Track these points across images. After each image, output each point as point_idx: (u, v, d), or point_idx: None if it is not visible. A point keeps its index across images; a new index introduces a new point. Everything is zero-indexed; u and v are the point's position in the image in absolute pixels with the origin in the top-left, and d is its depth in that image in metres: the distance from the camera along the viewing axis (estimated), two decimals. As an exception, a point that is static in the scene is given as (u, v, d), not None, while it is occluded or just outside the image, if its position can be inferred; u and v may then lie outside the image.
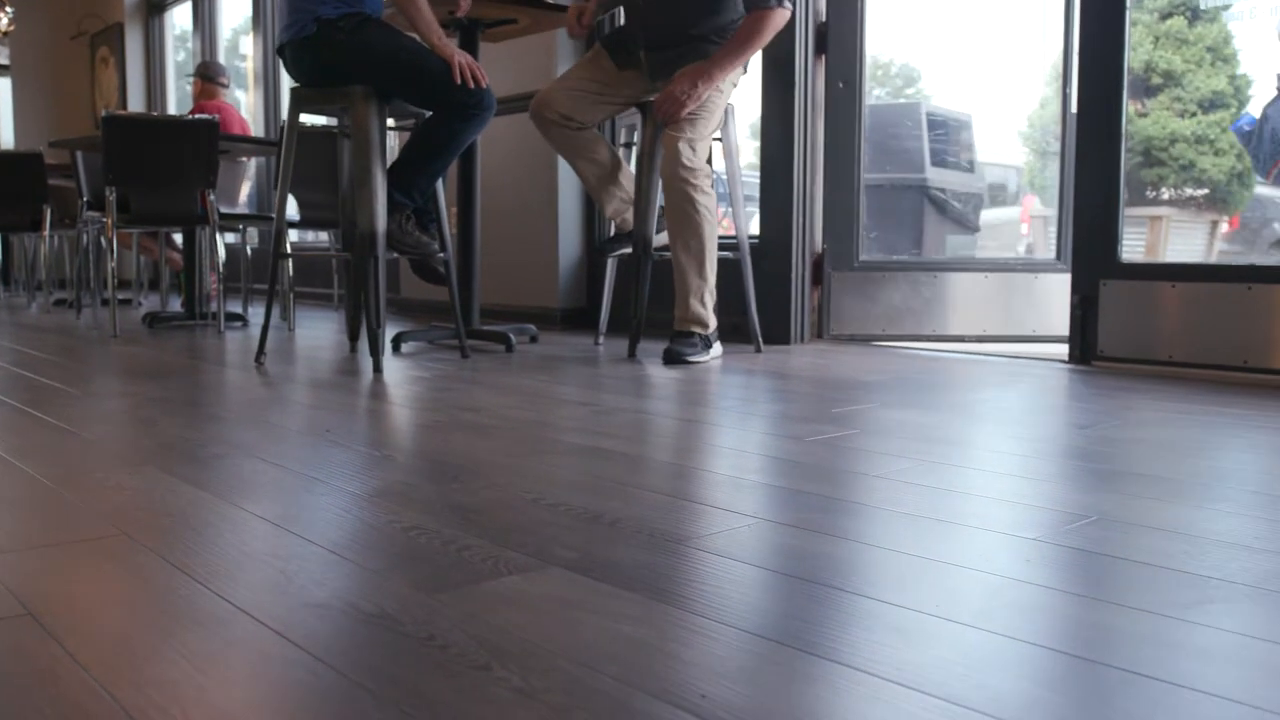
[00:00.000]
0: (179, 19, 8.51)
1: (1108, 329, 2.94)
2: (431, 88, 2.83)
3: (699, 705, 0.76)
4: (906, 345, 3.60)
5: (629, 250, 3.23)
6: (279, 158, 3.00)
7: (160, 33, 8.54)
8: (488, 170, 4.29)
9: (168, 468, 1.56)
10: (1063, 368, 2.95)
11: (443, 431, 1.89)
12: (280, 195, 2.97)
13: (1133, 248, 5.11)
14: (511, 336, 3.36)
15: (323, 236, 6.18)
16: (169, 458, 1.64)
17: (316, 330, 4.18)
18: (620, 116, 3.81)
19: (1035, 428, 1.97)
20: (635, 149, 3.30)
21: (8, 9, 9.00)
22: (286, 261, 4.55)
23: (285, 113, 2.98)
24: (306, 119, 3.25)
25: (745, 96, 3.63)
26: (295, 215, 4.66)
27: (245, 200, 5.81)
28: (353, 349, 3.34)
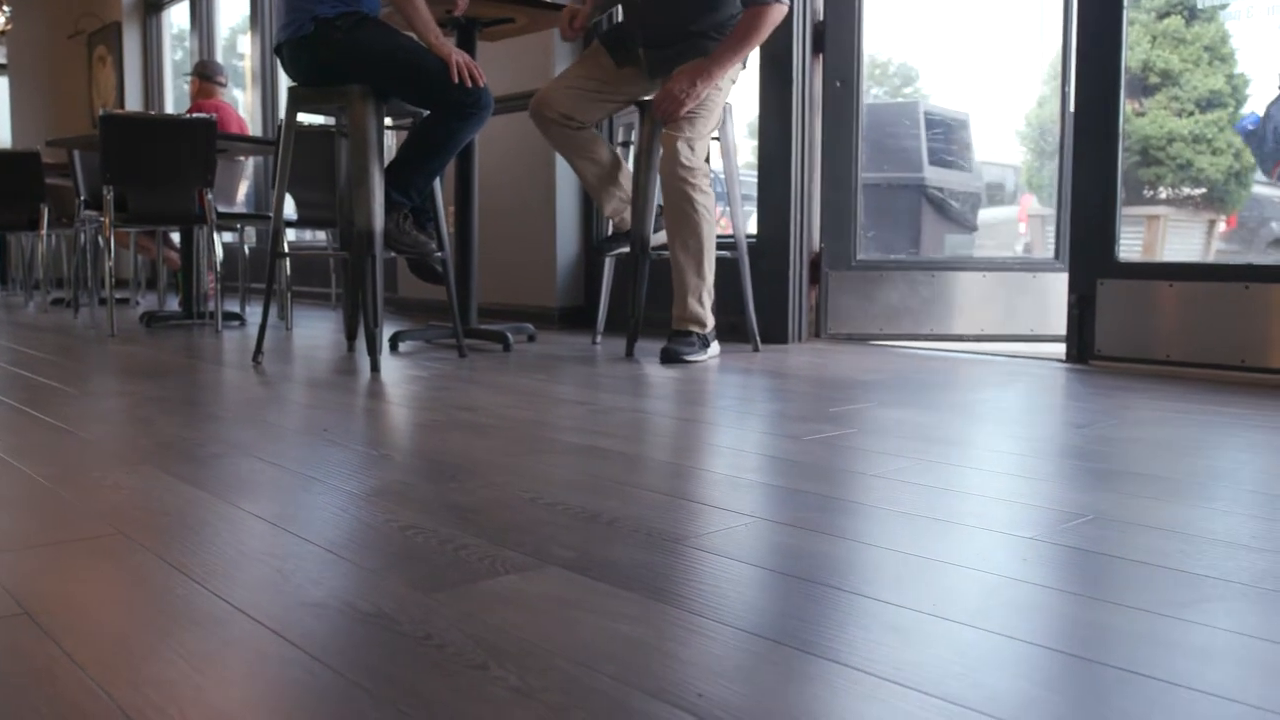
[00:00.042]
0: (176, 18, 8.51)
1: (1105, 328, 2.95)
2: (429, 87, 2.83)
3: (696, 704, 0.76)
4: (904, 344, 3.60)
5: (627, 249, 3.23)
6: (276, 157, 3.00)
7: (158, 32, 8.54)
8: (485, 169, 4.29)
9: (165, 467, 1.56)
10: (1060, 367, 2.95)
11: (440, 431, 1.89)
12: (278, 194, 2.97)
13: (1130, 247, 5.11)
14: (509, 336, 3.36)
15: (320, 236, 6.18)
16: (166, 457, 1.64)
17: (314, 329, 4.18)
18: (618, 115, 3.81)
19: (1032, 427, 1.98)
20: (633, 148, 3.30)
21: (5, 8, 8.99)
22: (284, 261, 4.54)
23: (283, 112, 2.98)
24: (304, 118, 3.25)
25: (743, 95, 3.63)
26: (293, 214, 4.66)
27: (243, 199, 5.81)
28: (350, 348, 3.34)
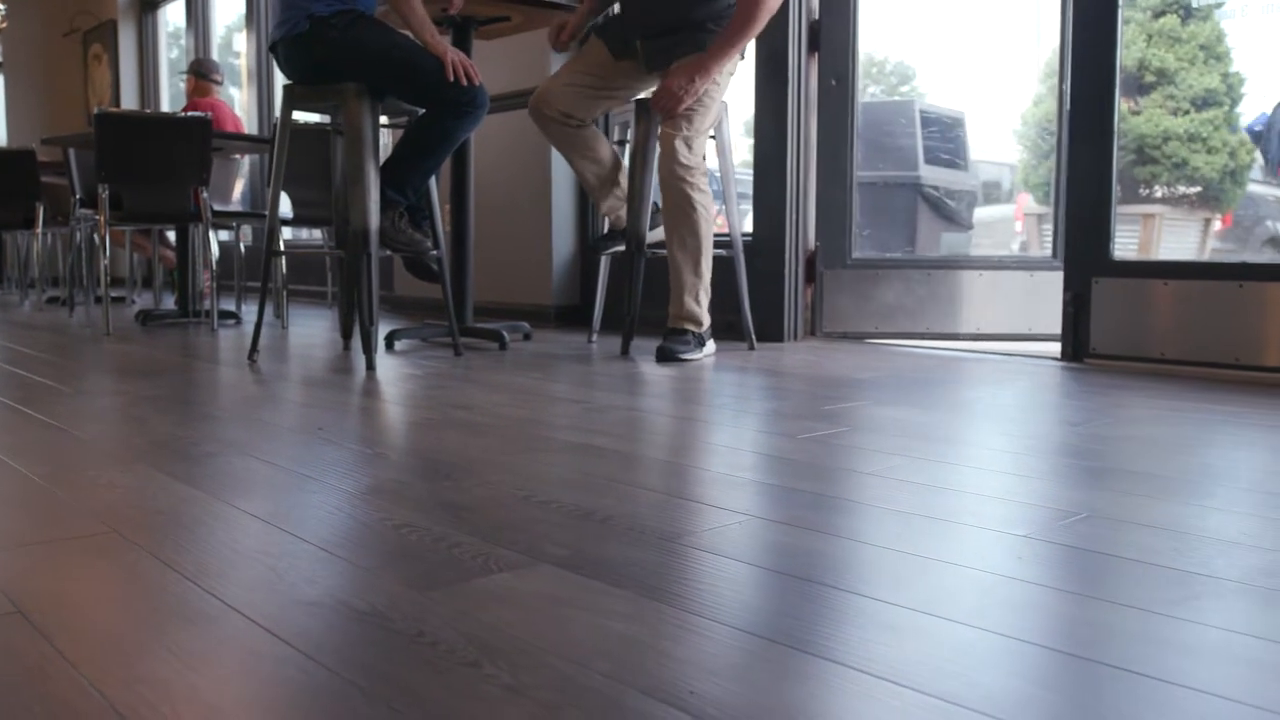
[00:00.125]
0: (172, 16, 8.50)
1: (1100, 327, 2.95)
2: (424, 85, 2.83)
3: (688, 702, 0.76)
4: (899, 343, 3.60)
5: (622, 248, 3.23)
6: (272, 155, 3.00)
7: (154, 30, 8.53)
8: (481, 167, 4.29)
9: (159, 465, 1.56)
10: (1055, 365, 2.96)
11: (435, 429, 1.89)
12: (273, 193, 2.97)
13: (1126, 245, 5.12)
14: (505, 334, 3.36)
15: (316, 234, 6.17)
16: (161, 455, 1.64)
17: (310, 328, 4.17)
18: (615, 114, 3.81)
19: (1027, 425, 1.98)
20: (629, 146, 3.30)
21: (1, 6, 8.97)
22: (279, 259, 4.54)
23: (278, 110, 2.98)
24: (299, 116, 3.24)
25: (739, 94, 3.63)
26: (288, 213, 4.66)
27: (239, 198, 5.81)
28: (346, 347, 3.33)
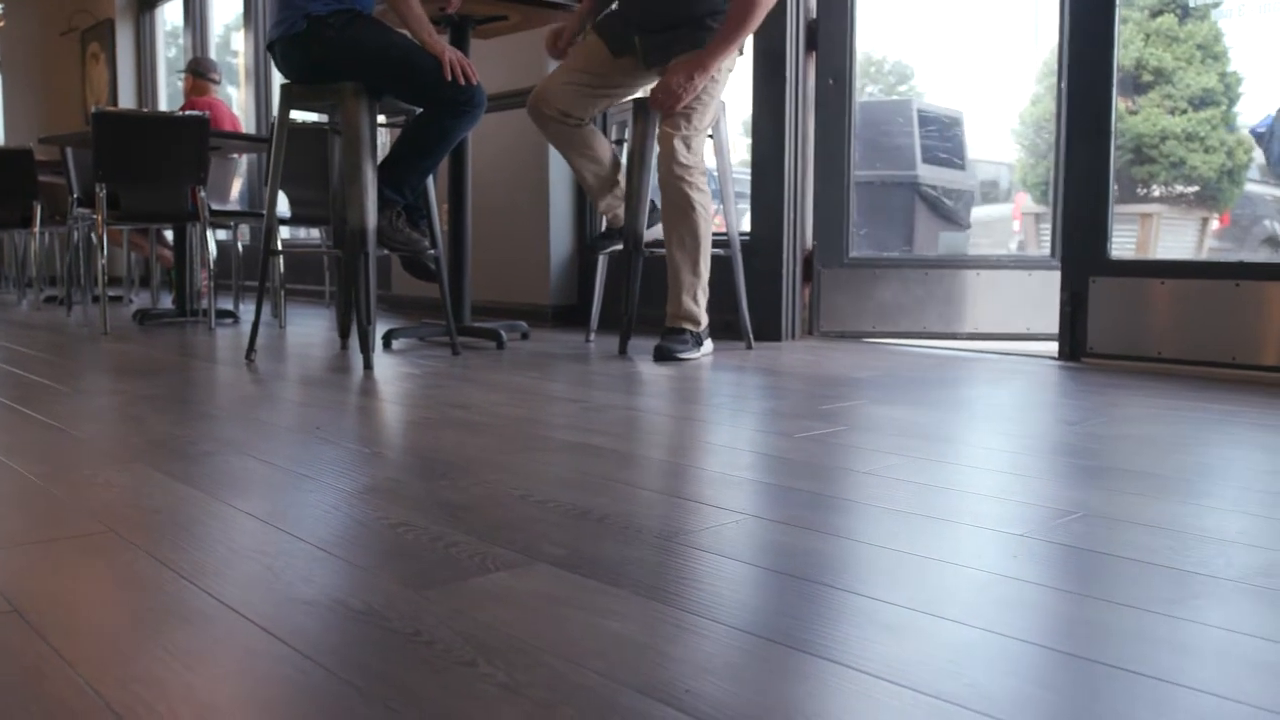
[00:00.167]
0: (170, 15, 8.49)
1: (1097, 326, 2.95)
2: (422, 84, 2.83)
3: (684, 701, 0.76)
4: (897, 342, 3.60)
5: (619, 247, 3.23)
6: (270, 154, 2.99)
7: (151, 29, 8.52)
8: (479, 167, 4.28)
9: (157, 465, 1.56)
10: (1052, 364, 2.96)
11: (432, 428, 1.89)
12: (271, 192, 2.97)
13: (1123, 245, 5.13)
14: (502, 333, 3.36)
15: (314, 233, 6.17)
16: (158, 455, 1.64)
17: (307, 327, 4.17)
18: (612, 113, 3.81)
19: (1024, 424, 1.98)
20: (627, 145, 3.30)
21: (-1, 5, 8.97)
22: (277, 258, 4.54)
23: (276, 109, 2.98)
24: (297, 115, 3.24)
25: (737, 93, 3.64)
26: (286, 212, 4.66)
27: (236, 197, 5.81)
28: (343, 346, 3.33)
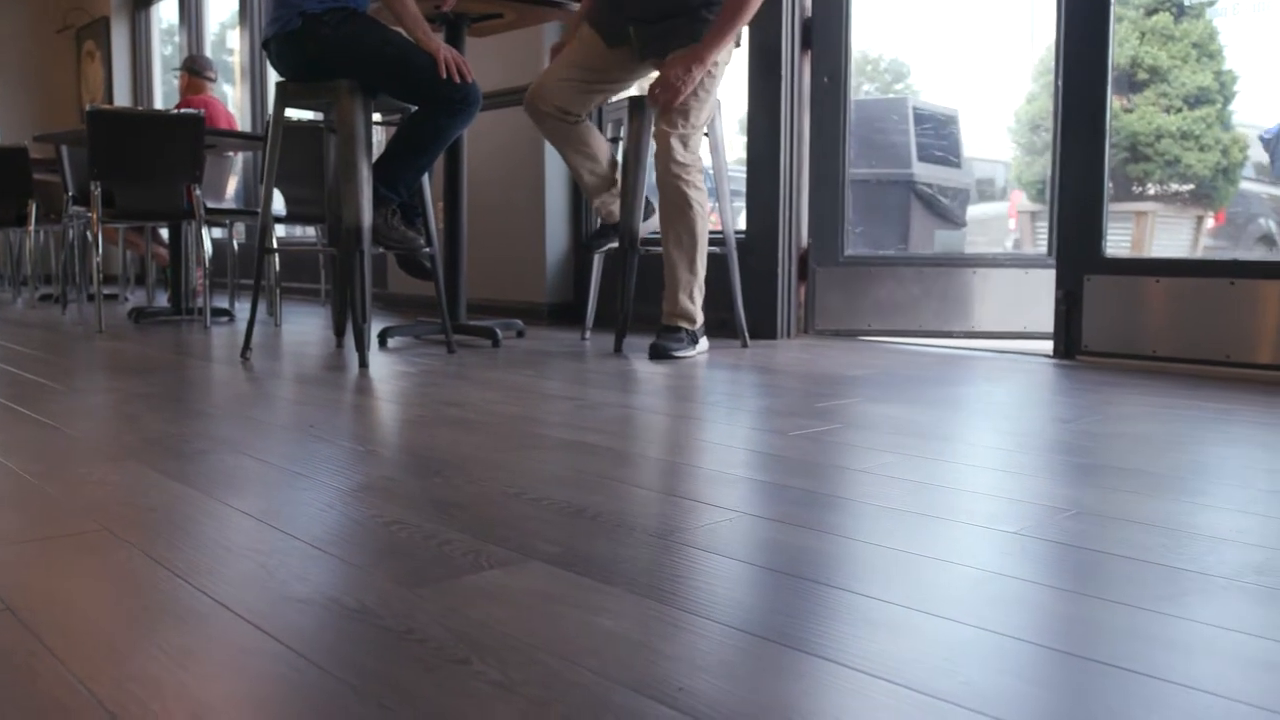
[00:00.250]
0: (165, 13, 8.48)
1: (1092, 324, 2.96)
2: (417, 83, 2.83)
3: (677, 699, 0.76)
4: (893, 340, 3.61)
5: (615, 244, 3.23)
6: (265, 152, 2.99)
7: (147, 27, 8.51)
8: (474, 165, 4.28)
9: (151, 463, 1.56)
10: (1047, 363, 2.96)
11: (427, 426, 1.89)
12: (266, 190, 2.96)
13: (1119, 243, 5.14)
14: (498, 331, 3.36)
15: (310, 231, 6.17)
16: (153, 453, 1.63)
17: (303, 325, 4.17)
18: (608, 111, 3.81)
19: (1018, 422, 1.98)
20: (622, 143, 3.30)
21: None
22: (273, 256, 4.53)
23: (271, 107, 2.97)
24: (292, 114, 3.24)
25: (732, 91, 3.64)
26: (281, 210, 4.65)
27: (232, 195, 5.79)
28: (339, 344, 3.33)
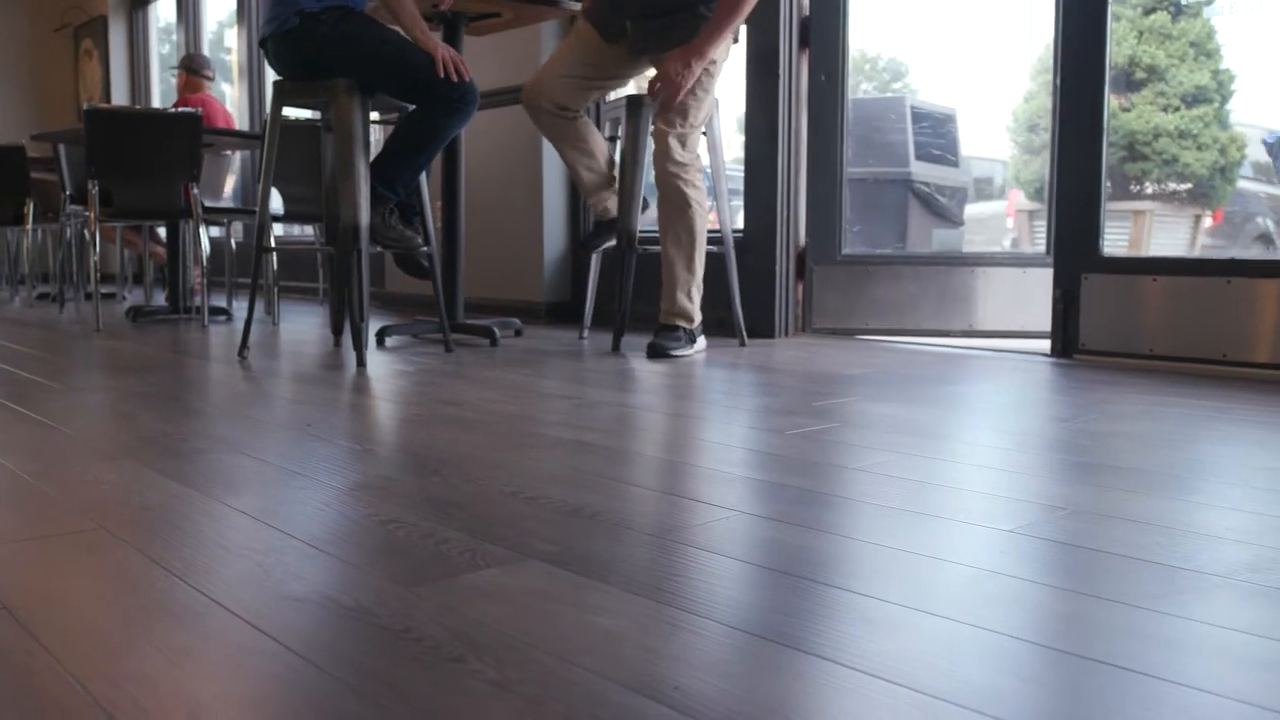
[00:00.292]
0: (163, 12, 8.47)
1: (1089, 322, 2.96)
2: (414, 81, 2.83)
3: (673, 698, 0.76)
4: (890, 339, 3.61)
5: (612, 243, 3.23)
6: (262, 151, 2.99)
7: (144, 25, 8.50)
8: (472, 164, 4.28)
9: (148, 462, 1.56)
10: (1044, 361, 2.97)
11: (425, 425, 1.89)
12: (263, 189, 2.96)
13: (1116, 242, 5.14)
14: (496, 330, 3.36)
15: (307, 230, 6.16)
16: (149, 452, 1.63)
17: (301, 324, 4.17)
18: (605, 110, 3.81)
19: (1015, 421, 1.99)
20: (620, 142, 3.30)
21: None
22: (270, 255, 4.53)
23: (269, 106, 2.97)
24: (290, 112, 3.24)
25: (730, 90, 3.64)
26: (279, 209, 4.64)
27: (230, 194, 5.79)
28: (337, 343, 3.33)
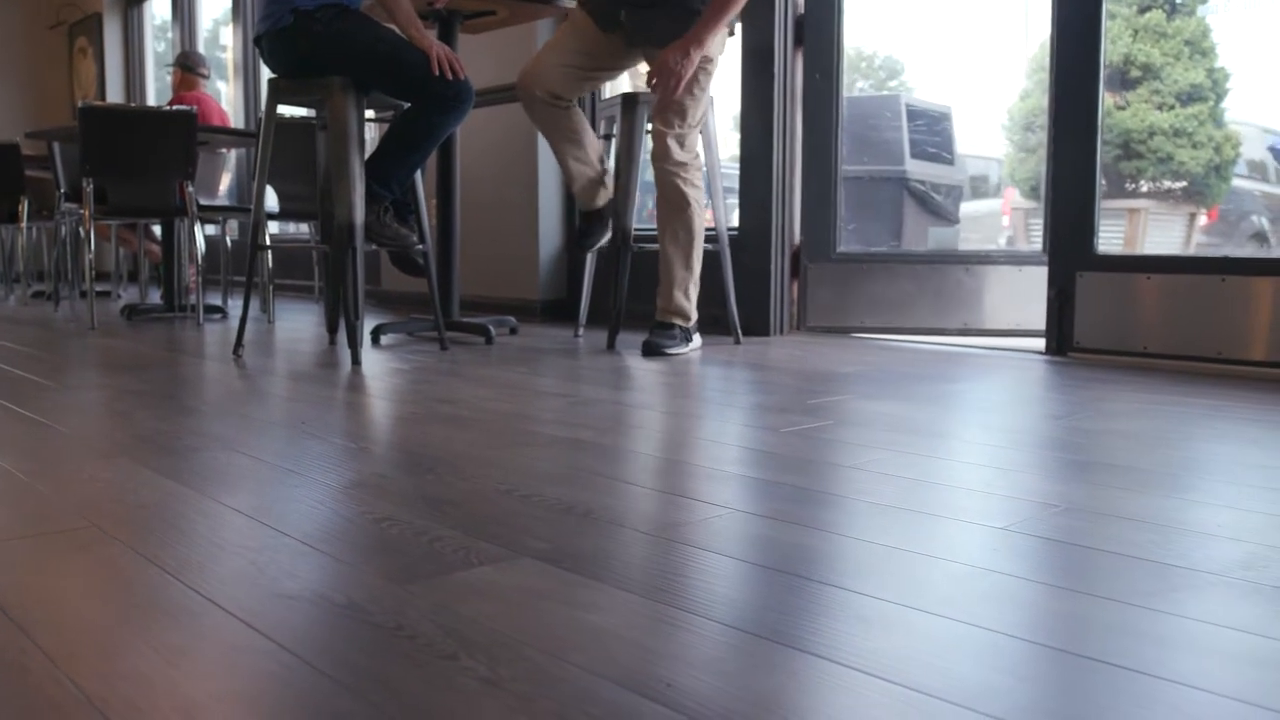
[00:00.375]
0: (158, 9, 8.45)
1: (1084, 320, 2.96)
2: (409, 79, 2.82)
3: (665, 694, 0.76)
4: (885, 338, 3.61)
5: (607, 238, 3.23)
6: (257, 149, 2.99)
7: (139, 23, 8.48)
8: (467, 162, 4.28)
9: (142, 460, 1.56)
10: (1039, 359, 2.97)
11: (419, 423, 1.89)
12: (258, 187, 2.96)
13: (1111, 240, 5.14)
14: (491, 329, 3.36)
15: (303, 228, 6.16)
16: (143, 450, 1.63)
17: (296, 322, 4.16)
18: (600, 109, 3.81)
19: (1010, 418, 1.99)
20: (615, 141, 3.29)
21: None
22: (265, 253, 4.53)
23: (264, 104, 2.97)
24: (285, 110, 3.23)
25: (725, 88, 3.64)
26: (274, 207, 4.64)
27: (225, 192, 5.79)
28: (332, 341, 3.33)
